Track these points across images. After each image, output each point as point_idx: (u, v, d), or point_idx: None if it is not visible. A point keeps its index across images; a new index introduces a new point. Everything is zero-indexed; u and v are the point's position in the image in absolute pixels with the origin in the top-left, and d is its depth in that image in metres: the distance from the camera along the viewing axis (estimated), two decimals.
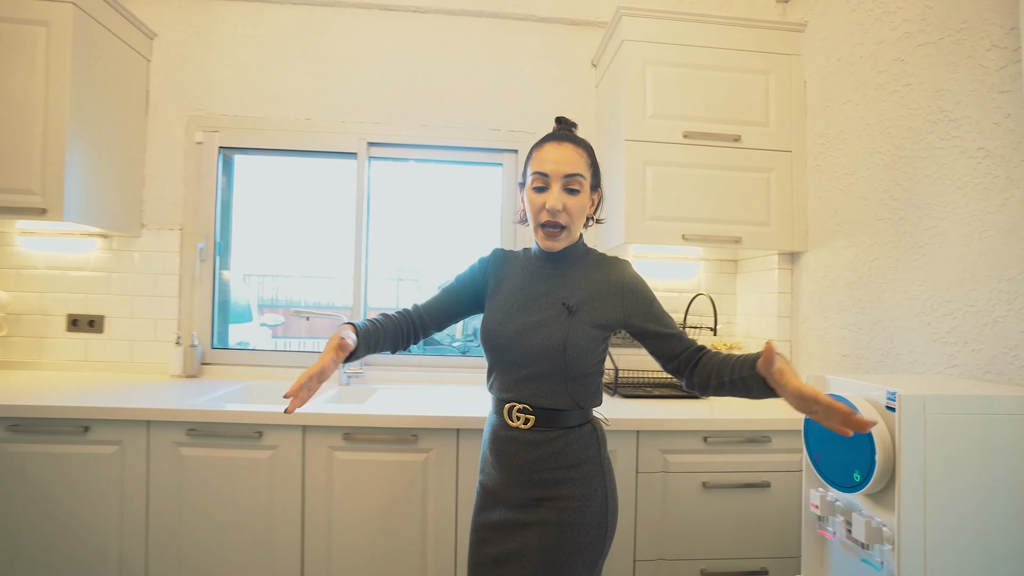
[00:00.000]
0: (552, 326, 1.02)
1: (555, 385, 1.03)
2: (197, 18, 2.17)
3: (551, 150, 1.03)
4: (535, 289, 1.08)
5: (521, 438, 1.03)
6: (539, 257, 1.12)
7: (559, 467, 1.02)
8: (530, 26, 2.22)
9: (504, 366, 1.07)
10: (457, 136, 2.18)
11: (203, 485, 1.51)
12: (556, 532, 0.99)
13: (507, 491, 1.05)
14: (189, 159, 2.15)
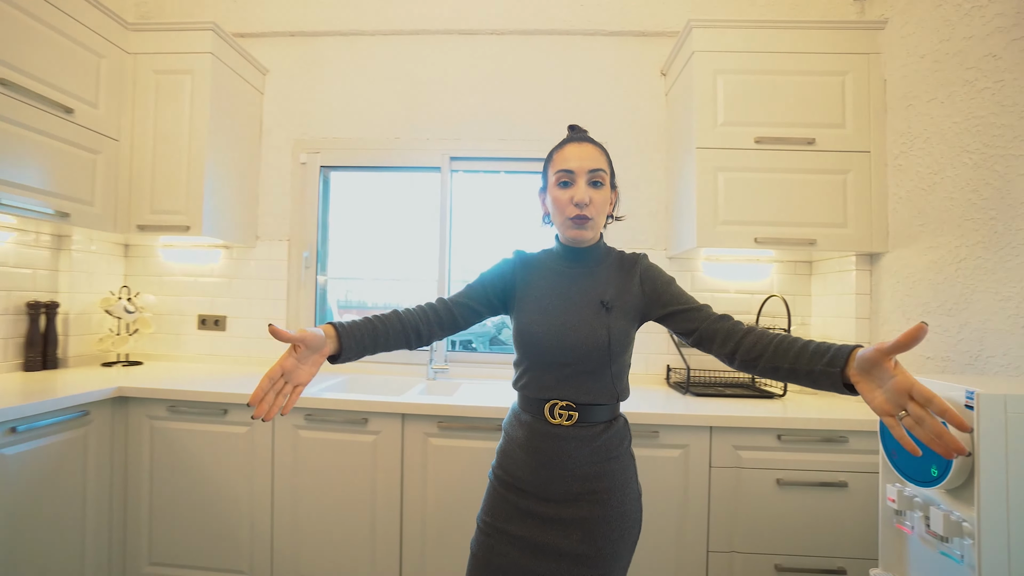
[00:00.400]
0: (594, 324, 1.04)
1: (598, 381, 1.05)
2: (301, 54, 2.45)
3: (573, 149, 1.07)
4: (568, 288, 1.10)
5: (564, 435, 1.04)
6: (564, 257, 1.15)
7: (599, 460, 1.05)
8: (600, 40, 2.32)
9: (544, 366, 1.07)
10: (532, 148, 2.32)
11: (317, 463, 1.74)
12: (604, 527, 1.03)
13: (546, 488, 1.05)
14: (295, 178, 2.44)
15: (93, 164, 1.95)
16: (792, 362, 0.89)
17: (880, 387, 0.76)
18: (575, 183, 1.05)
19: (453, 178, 2.42)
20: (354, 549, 1.72)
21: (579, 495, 1.04)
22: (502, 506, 1.09)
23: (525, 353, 1.10)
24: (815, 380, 0.86)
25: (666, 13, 2.28)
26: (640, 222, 2.27)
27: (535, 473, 1.06)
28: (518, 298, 1.15)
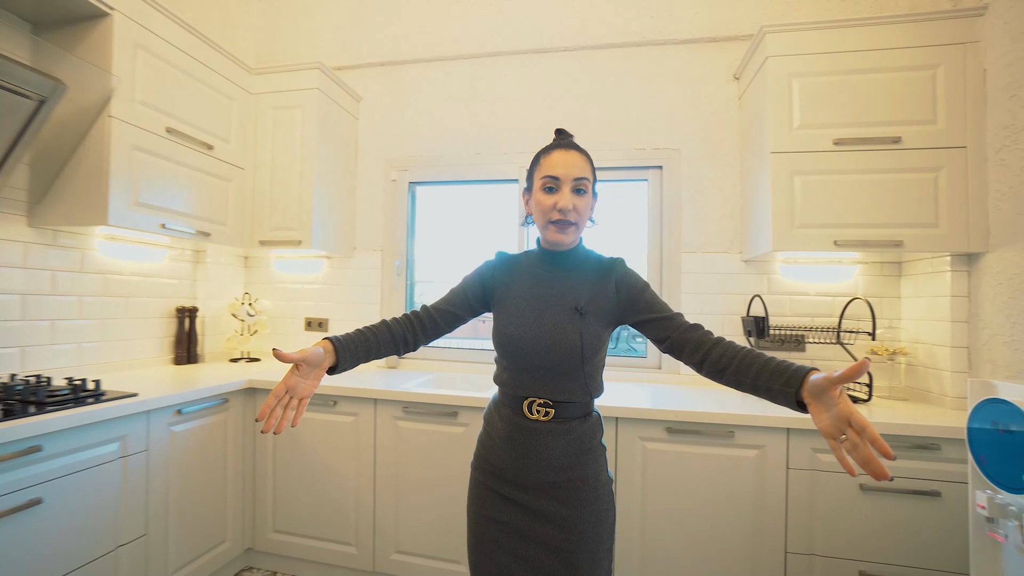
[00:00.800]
0: (567, 329, 1.09)
1: (573, 381, 1.11)
2: (390, 81, 2.71)
3: (560, 156, 1.10)
4: (544, 293, 1.15)
5: (543, 429, 1.11)
6: (543, 259, 1.19)
7: (574, 452, 1.12)
8: (670, 49, 2.36)
9: (522, 366, 1.13)
10: (604, 157, 2.41)
11: (413, 450, 1.95)
12: (577, 508, 1.10)
13: (524, 476, 1.12)
14: (386, 194, 2.70)
15: (226, 190, 2.30)
16: (753, 378, 0.93)
17: (827, 411, 0.81)
18: (560, 190, 1.09)
19: None
20: (445, 526, 1.91)
21: (555, 484, 1.11)
22: (486, 495, 1.17)
23: (503, 353, 1.16)
24: (773, 396, 0.90)
25: (738, 17, 2.29)
26: (711, 226, 2.29)
27: (515, 463, 1.13)
28: (498, 299, 1.20)
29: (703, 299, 2.27)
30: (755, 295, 2.13)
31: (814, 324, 2.14)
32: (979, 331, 1.79)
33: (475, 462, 1.23)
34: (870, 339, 1.96)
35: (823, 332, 2.08)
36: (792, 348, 2.15)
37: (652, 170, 2.39)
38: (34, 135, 1.55)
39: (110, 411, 1.53)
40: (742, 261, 2.24)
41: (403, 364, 2.63)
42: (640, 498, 1.74)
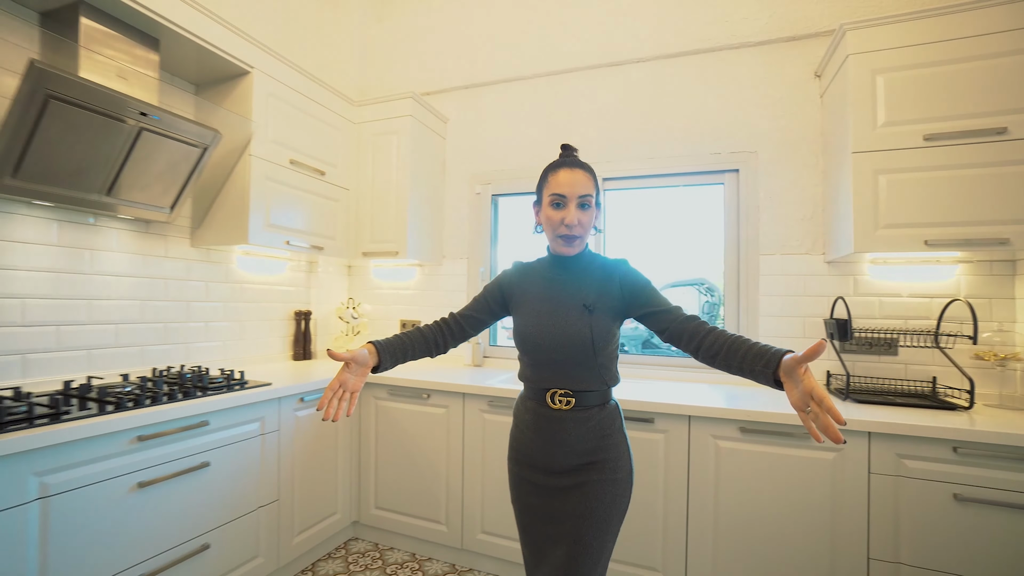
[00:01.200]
0: (579, 325, 1.20)
1: (587, 371, 1.22)
2: (472, 102, 2.94)
3: (566, 175, 1.22)
4: (556, 294, 1.27)
5: (566, 417, 1.23)
6: (553, 265, 1.32)
7: (595, 437, 1.23)
8: (745, 52, 2.36)
9: (542, 361, 1.25)
10: (680, 163, 2.46)
11: (497, 440, 2.13)
12: (598, 489, 1.21)
13: (552, 461, 1.24)
14: (471, 206, 2.93)
15: (335, 209, 2.65)
16: (740, 361, 1.03)
17: (796, 388, 0.91)
18: (566, 206, 1.21)
19: (606, 196, 2.67)
20: None
21: (579, 467, 1.23)
22: (520, 484, 1.31)
23: (524, 350, 1.28)
24: (756, 376, 1.01)
25: (818, 13, 2.24)
26: (790, 228, 2.26)
27: (543, 449, 1.25)
28: (515, 303, 1.33)
29: (783, 301, 2.24)
30: (838, 297, 2.08)
31: (907, 327, 2.04)
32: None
33: (509, 454, 1.37)
34: (971, 343, 1.84)
35: (918, 335, 1.99)
36: (883, 352, 2.07)
37: (728, 174, 2.40)
38: (199, 175, 1.95)
39: (252, 396, 1.86)
40: (825, 263, 2.19)
41: (487, 363, 2.84)
42: (713, 493, 1.78)
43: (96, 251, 1.91)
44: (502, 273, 1.41)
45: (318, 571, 2.19)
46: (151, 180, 1.85)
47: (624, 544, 1.89)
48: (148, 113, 1.65)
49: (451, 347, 1.37)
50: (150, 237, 2.09)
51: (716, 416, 1.77)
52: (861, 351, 2.10)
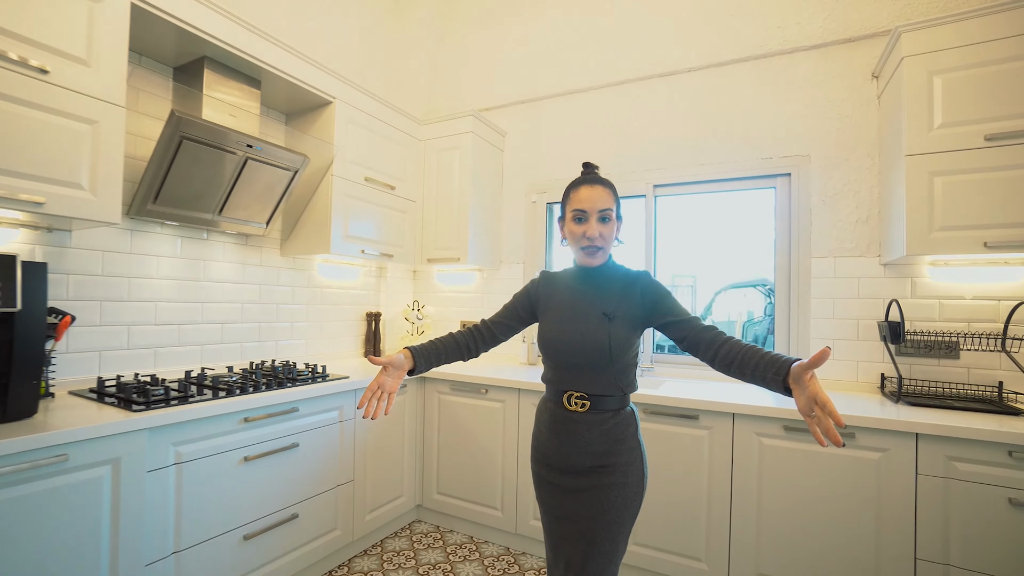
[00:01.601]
0: (598, 332, 1.26)
1: (604, 376, 1.28)
2: (529, 116, 3.12)
3: (586, 191, 1.29)
4: (579, 302, 1.33)
5: (580, 419, 1.29)
6: (578, 276, 1.38)
7: (609, 441, 1.27)
8: (799, 56, 2.38)
9: (561, 364, 1.32)
10: (730, 169, 2.51)
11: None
12: (610, 491, 1.25)
13: (566, 461, 1.30)
14: (527, 214, 3.10)
15: (402, 220, 2.91)
16: (752, 369, 1.08)
17: (802, 393, 0.96)
18: (587, 220, 1.28)
19: (657, 202, 2.76)
20: None
21: (592, 468, 1.27)
22: (540, 483, 1.38)
23: (546, 354, 1.35)
24: (767, 384, 1.05)
25: (874, 13, 2.22)
26: (844, 231, 2.25)
27: (558, 449, 1.32)
28: (542, 309, 1.41)
29: (835, 303, 2.24)
30: (893, 299, 2.06)
31: (971, 330, 1.99)
32: None
33: (532, 454, 1.43)
34: None
35: (983, 338, 1.94)
36: (943, 355, 2.03)
37: (780, 178, 2.42)
38: (290, 194, 2.25)
39: (333, 387, 2.13)
40: (880, 265, 2.16)
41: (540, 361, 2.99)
42: (756, 489, 1.84)
43: (208, 261, 2.25)
44: (531, 282, 1.49)
45: (386, 547, 2.43)
46: (252, 200, 2.16)
47: (668, 534, 1.99)
48: (253, 145, 1.95)
49: (482, 351, 1.46)
50: (248, 248, 2.43)
51: (760, 414, 1.83)
52: (919, 354, 2.06)
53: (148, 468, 1.50)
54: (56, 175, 1.47)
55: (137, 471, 1.46)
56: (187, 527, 1.61)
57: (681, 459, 1.99)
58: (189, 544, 1.62)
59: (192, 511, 1.63)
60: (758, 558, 1.84)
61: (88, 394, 1.70)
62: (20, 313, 1.32)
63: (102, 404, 1.59)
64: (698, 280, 3.10)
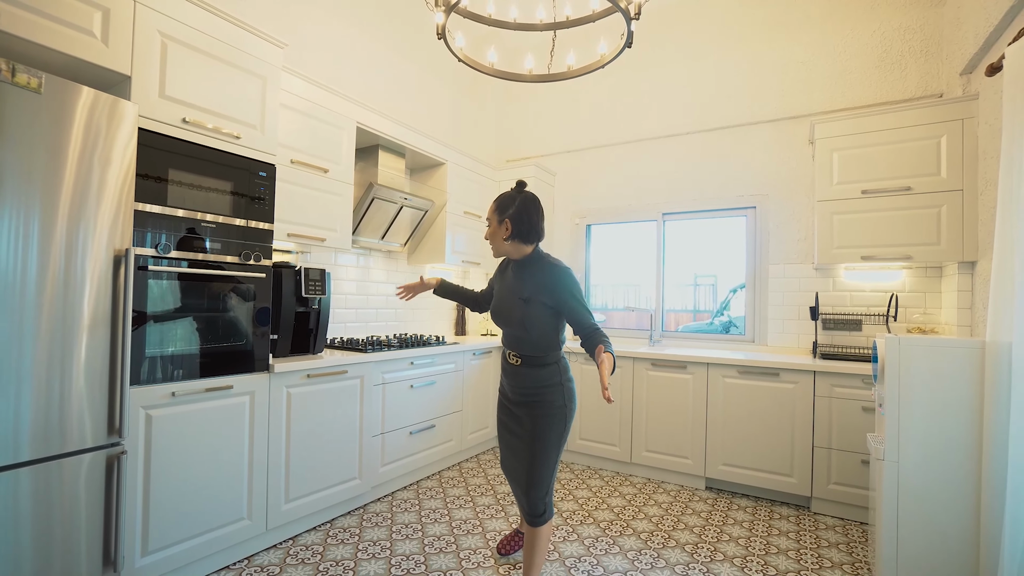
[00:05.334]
0: (515, 310, 1.73)
1: (526, 342, 1.75)
2: (573, 162, 4.30)
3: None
4: (509, 286, 1.80)
5: (516, 370, 1.80)
6: (511, 265, 1.86)
7: (536, 386, 1.76)
8: (761, 126, 3.47)
9: (498, 327, 1.86)
10: (717, 203, 3.62)
11: (657, 387, 3.45)
12: (537, 413, 1.76)
13: (512, 394, 1.84)
14: (571, 233, 4.28)
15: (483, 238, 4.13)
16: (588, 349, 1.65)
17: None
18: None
19: (666, 225, 3.89)
20: (672, 431, 3.38)
21: (525, 401, 1.79)
22: (500, 407, 1.94)
23: (494, 322, 1.88)
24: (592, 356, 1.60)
25: (809, 101, 3.30)
26: (790, 246, 3.33)
27: (507, 386, 1.88)
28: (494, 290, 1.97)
29: (784, 295, 3.33)
30: (817, 292, 3.14)
31: (869, 312, 3.05)
32: (975, 315, 2.60)
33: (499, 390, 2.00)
34: (893, 321, 2.85)
35: (876, 317, 3.00)
36: (852, 329, 3.09)
37: (748, 209, 3.52)
38: (417, 225, 3.50)
39: (452, 349, 3.35)
40: (813, 269, 3.24)
41: None
42: (722, 411, 2.97)
43: (370, 269, 3.53)
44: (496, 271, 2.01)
45: (480, 459, 3.64)
46: (399, 230, 3.42)
47: (668, 442, 3.13)
48: (408, 197, 3.21)
49: (484, 310, 2.12)
50: (390, 260, 3.69)
51: (724, 363, 2.96)
52: (838, 328, 3.13)
53: (374, 384, 2.76)
54: (327, 224, 2.76)
55: (369, 384, 2.72)
56: (388, 420, 2.86)
57: (675, 395, 3.12)
58: (388, 430, 2.87)
59: (389, 411, 2.88)
60: (723, 453, 2.97)
61: (329, 346, 2.98)
62: (324, 298, 2.59)
63: (334, 350, 2.85)
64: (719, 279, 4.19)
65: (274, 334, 2.41)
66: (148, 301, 1.83)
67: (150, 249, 1.83)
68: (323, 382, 2.46)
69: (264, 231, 2.23)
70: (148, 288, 1.83)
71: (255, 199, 2.20)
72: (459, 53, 2.33)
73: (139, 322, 1.79)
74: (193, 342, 1.97)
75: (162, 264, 1.87)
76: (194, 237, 1.97)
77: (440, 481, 3.17)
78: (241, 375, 2.11)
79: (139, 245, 1.80)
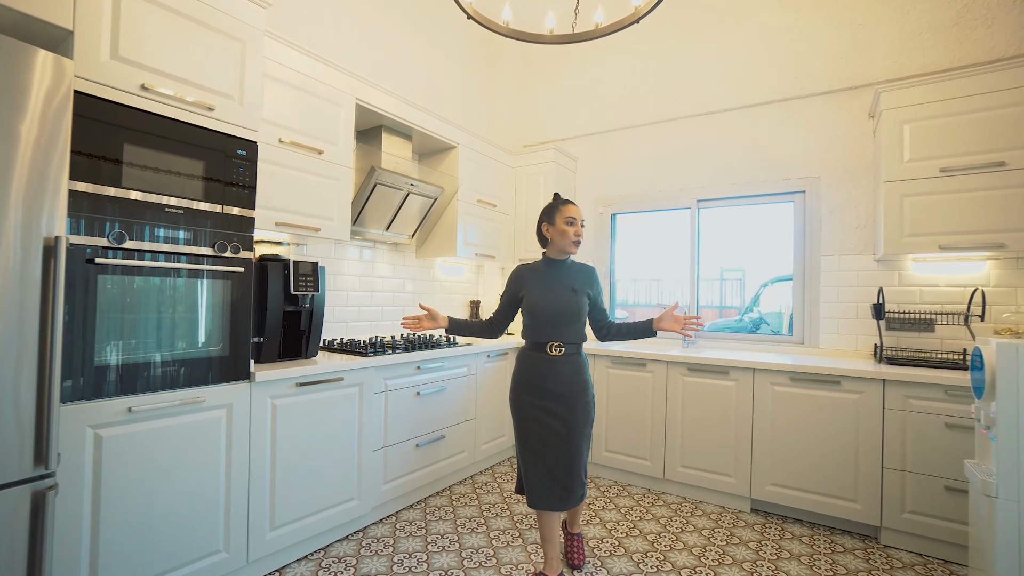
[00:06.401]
0: (569, 300, 1.95)
1: (571, 330, 1.96)
2: (597, 146, 3.92)
3: (573, 208, 2.00)
4: (553, 282, 1.99)
5: (556, 362, 1.94)
6: (549, 265, 2.05)
7: (579, 371, 1.97)
8: (813, 100, 3.06)
9: (544, 323, 1.94)
10: (758, 187, 3.22)
11: (695, 397, 3.10)
12: (581, 401, 1.94)
13: (551, 389, 1.92)
14: (595, 223, 3.92)
15: (499, 229, 3.80)
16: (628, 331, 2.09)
17: (674, 323, 2.00)
18: (576, 224, 1.99)
19: (700, 213, 3.50)
20: (713, 447, 3.02)
21: (567, 391, 1.93)
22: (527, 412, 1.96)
23: (533, 318, 1.97)
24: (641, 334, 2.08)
25: (870, 69, 2.87)
26: (846, 235, 2.92)
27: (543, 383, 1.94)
28: (526, 288, 2.03)
29: (839, 291, 2.92)
30: (880, 287, 2.73)
31: (943, 310, 2.63)
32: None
33: (516, 392, 2.02)
34: (979, 321, 2.43)
35: (951, 316, 2.58)
36: (922, 329, 2.68)
37: (796, 194, 3.11)
38: (429, 215, 3.18)
39: (464, 351, 3.03)
40: (874, 261, 2.83)
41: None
42: (770, 424, 2.59)
43: (375, 263, 3.22)
44: (514, 277, 2.11)
45: (495, 470, 3.32)
46: (406, 220, 3.11)
47: (707, 458, 2.77)
48: (414, 183, 2.89)
49: (493, 336, 2.16)
50: (397, 254, 3.38)
51: (773, 368, 2.58)
52: (905, 329, 2.72)
53: (375, 391, 2.46)
54: (322, 213, 2.46)
55: (369, 392, 2.41)
56: (390, 432, 2.56)
57: (715, 404, 2.75)
58: (391, 443, 2.56)
59: (392, 423, 2.57)
60: (772, 471, 2.59)
61: (324, 347, 2.69)
62: (316, 295, 2.29)
63: (332, 353, 2.56)
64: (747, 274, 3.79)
65: (258, 337, 2.12)
66: (98, 300, 1.54)
67: (100, 239, 1.55)
68: (316, 391, 2.17)
69: (244, 219, 1.93)
70: (97, 285, 1.54)
71: (233, 182, 1.90)
72: (468, 8, 2.00)
73: (86, 326, 1.51)
74: (155, 348, 1.68)
75: (116, 256, 1.58)
76: (156, 224, 1.68)
77: (450, 498, 2.86)
78: (215, 386, 1.83)
79: (86, 233, 1.52)
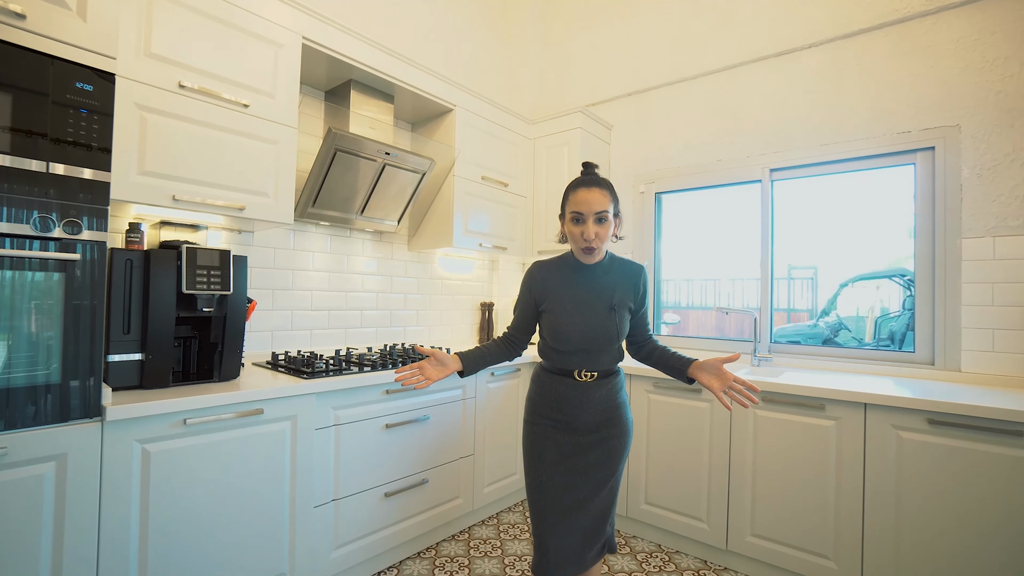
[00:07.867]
0: (607, 323, 1.42)
1: (607, 355, 1.46)
2: (635, 107, 3.13)
3: (584, 193, 1.37)
4: (584, 295, 1.45)
5: (585, 389, 1.45)
6: (577, 268, 1.48)
7: (613, 399, 1.48)
8: (946, 16, 2.14)
9: (572, 348, 1.44)
10: (858, 147, 2.33)
11: (771, 440, 2.30)
12: (614, 432, 1.47)
13: (580, 421, 1.45)
14: (635, 204, 3.12)
15: (514, 215, 3.08)
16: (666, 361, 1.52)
17: (716, 378, 1.39)
18: (585, 222, 1.37)
19: (774, 187, 2.64)
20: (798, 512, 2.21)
21: (602, 424, 1.47)
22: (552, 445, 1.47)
23: (557, 342, 1.46)
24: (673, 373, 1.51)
25: None
26: (1005, 207, 1.98)
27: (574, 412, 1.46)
28: (547, 299, 1.49)
29: (993, 289, 1.99)
30: None
31: None
32: None
33: (529, 422, 1.53)
34: None
35: None
36: None
37: (920, 153, 2.20)
38: (417, 196, 2.51)
39: None
40: None
41: None
42: (894, 487, 1.73)
43: (351, 256, 2.60)
44: (527, 278, 1.55)
45: (501, 520, 2.61)
46: (387, 201, 2.46)
47: (795, 528, 1.93)
48: (390, 152, 2.23)
49: (517, 356, 1.64)
50: (382, 244, 2.75)
51: (898, 405, 1.71)
52: None
53: (316, 427, 1.81)
54: (250, 186, 1.83)
55: (308, 428, 1.77)
56: (343, 479, 1.91)
57: (805, 452, 1.91)
58: (345, 494, 1.91)
59: (347, 466, 1.92)
60: (898, 561, 1.72)
61: (266, 365, 2.08)
62: (231, 296, 1.67)
63: (277, 373, 1.94)
64: (819, 272, 2.90)
65: (139, 353, 1.52)
66: None
67: None
68: (218, 429, 1.54)
69: (93, 183, 1.33)
70: None
71: (70, 129, 1.30)
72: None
73: None
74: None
75: None
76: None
77: (433, 564, 2.17)
78: (34, 430, 1.23)
79: None
